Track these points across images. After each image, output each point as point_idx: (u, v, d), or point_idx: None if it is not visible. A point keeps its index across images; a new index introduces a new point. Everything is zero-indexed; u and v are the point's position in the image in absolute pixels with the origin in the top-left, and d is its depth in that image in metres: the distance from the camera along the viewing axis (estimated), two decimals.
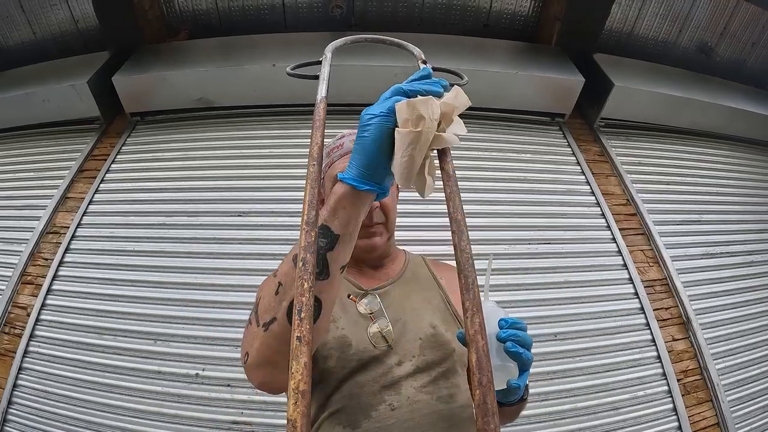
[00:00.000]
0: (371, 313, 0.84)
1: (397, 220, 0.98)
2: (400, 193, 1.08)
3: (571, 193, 2.67)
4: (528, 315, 2.18)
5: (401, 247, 1.06)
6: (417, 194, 0.53)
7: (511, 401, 0.68)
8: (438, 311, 0.88)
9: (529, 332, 0.67)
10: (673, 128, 3.07)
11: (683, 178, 2.88)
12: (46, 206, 2.54)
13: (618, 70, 2.89)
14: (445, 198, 0.45)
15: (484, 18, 3.10)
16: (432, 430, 0.74)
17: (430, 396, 0.76)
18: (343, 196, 0.53)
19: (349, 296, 0.87)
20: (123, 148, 2.80)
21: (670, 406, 2.09)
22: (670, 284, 2.39)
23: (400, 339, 0.81)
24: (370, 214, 0.84)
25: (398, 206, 0.98)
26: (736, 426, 2.07)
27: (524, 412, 1.16)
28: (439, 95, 0.51)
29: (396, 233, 1.00)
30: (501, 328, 0.65)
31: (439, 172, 0.50)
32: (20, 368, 2.11)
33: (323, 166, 0.88)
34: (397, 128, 0.49)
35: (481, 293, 0.47)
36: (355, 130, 0.85)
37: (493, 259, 0.79)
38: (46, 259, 2.37)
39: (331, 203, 0.54)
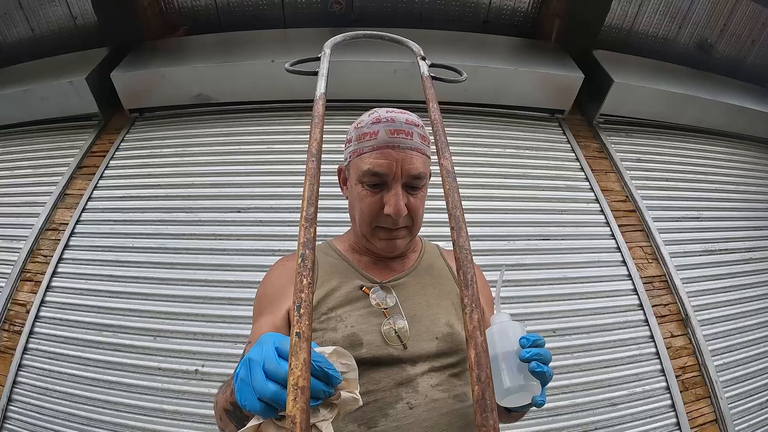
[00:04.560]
0: (385, 308, 0.79)
1: None
2: None
3: (570, 189, 2.67)
4: (526, 311, 2.19)
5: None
6: None
7: (524, 408, 0.69)
8: (454, 307, 0.84)
9: (527, 328, 0.67)
10: (672, 125, 3.08)
11: (683, 175, 2.88)
12: (45, 203, 2.54)
13: (617, 67, 2.89)
14: (443, 194, 0.45)
15: (484, 14, 3.09)
16: (450, 430, 0.71)
17: (447, 394, 0.74)
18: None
19: (361, 288, 0.82)
20: (122, 144, 2.79)
21: (669, 402, 2.09)
22: (669, 281, 2.39)
23: (416, 339, 0.77)
24: (396, 220, 0.78)
25: None
26: (735, 422, 2.08)
27: None
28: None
29: None
30: (523, 347, 0.65)
31: (438, 168, 0.50)
32: (20, 365, 2.11)
33: (349, 150, 0.83)
34: None
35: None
36: (394, 121, 0.78)
37: (506, 269, 0.78)
38: (45, 256, 2.37)
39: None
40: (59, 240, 2.41)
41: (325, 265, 0.87)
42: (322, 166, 0.51)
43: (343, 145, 0.86)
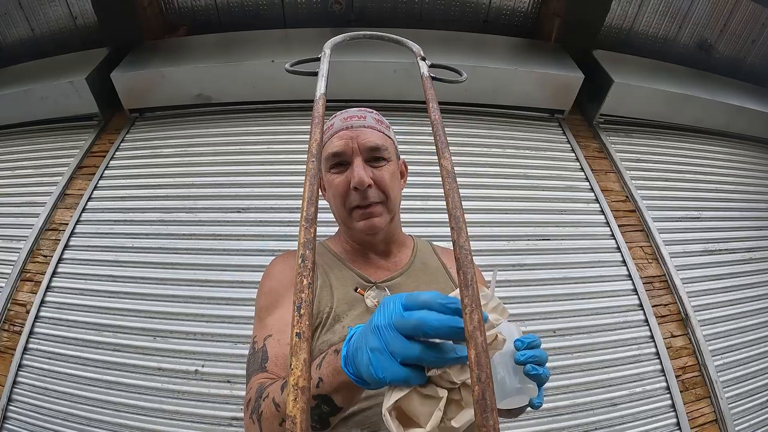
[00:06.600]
0: None
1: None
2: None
3: (570, 190, 2.67)
4: (527, 311, 2.19)
5: (407, 232, 1.01)
6: (415, 187, 0.53)
7: (523, 406, 0.70)
8: None
9: (527, 328, 0.67)
10: (672, 125, 3.07)
11: (683, 175, 2.88)
12: (45, 203, 2.54)
13: (617, 67, 2.89)
14: (443, 194, 0.45)
15: (484, 14, 3.09)
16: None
17: None
18: (345, 384, 0.50)
19: (356, 289, 0.82)
20: (122, 144, 2.79)
21: (669, 402, 2.09)
22: (669, 281, 2.39)
23: None
24: (363, 193, 0.80)
25: None
26: (735, 422, 2.08)
27: None
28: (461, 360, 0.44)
29: None
30: (518, 349, 0.65)
31: (438, 168, 0.50)
32: (20, 365, 2.11)
33: None
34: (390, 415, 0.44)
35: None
36: (348, 111, 0.87)
37: (498, 271, 0.78)
38: (45, 256, 2.37)
39: (334, 383, 0.51)
40: (59, 240, 2.40)
41: (322, 265, 0.87)
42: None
43: None
